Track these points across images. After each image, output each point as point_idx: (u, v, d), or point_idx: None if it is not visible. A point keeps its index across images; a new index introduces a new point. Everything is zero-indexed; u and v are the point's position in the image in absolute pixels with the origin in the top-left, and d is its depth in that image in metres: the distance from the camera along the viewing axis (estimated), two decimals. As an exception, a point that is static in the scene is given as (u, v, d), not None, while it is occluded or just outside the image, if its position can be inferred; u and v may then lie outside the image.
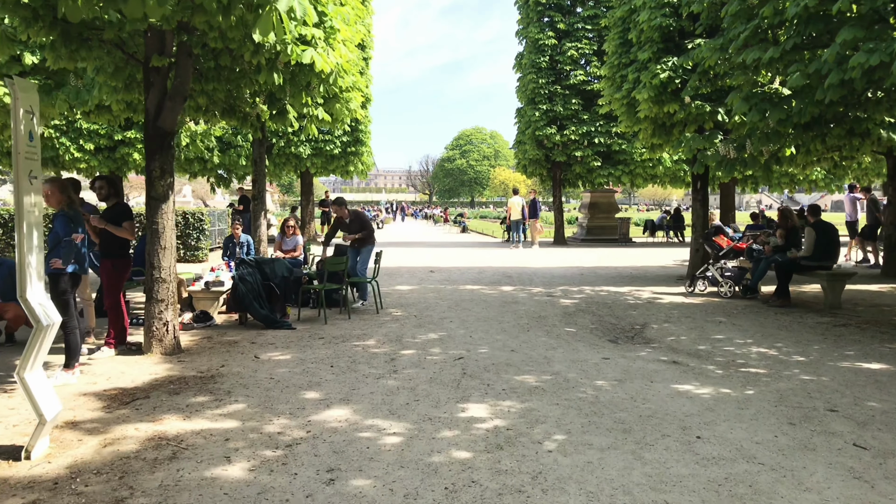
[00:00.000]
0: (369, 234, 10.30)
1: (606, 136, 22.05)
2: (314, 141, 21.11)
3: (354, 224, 10.28)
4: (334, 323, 8.77)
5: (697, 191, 13.70)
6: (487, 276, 14.10)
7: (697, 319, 9.04)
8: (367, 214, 10.55)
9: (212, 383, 5.85)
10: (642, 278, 13.78)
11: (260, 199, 12.87)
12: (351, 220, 10.30)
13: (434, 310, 9.74)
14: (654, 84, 12.17)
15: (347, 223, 10.31)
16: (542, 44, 22.18)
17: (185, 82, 6.90)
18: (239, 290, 8.30)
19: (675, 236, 25.94)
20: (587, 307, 10.02)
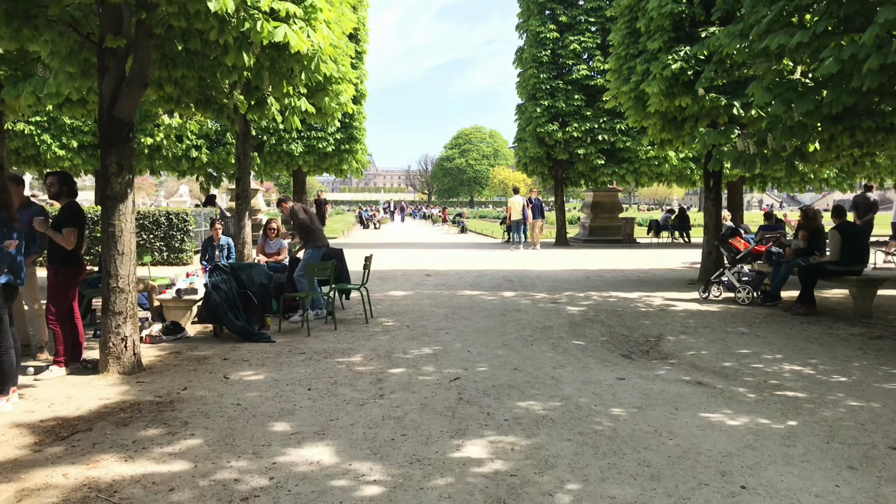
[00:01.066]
0: (308, 237, 9.05)
1: (610, 132, 21.26)
2: (306, 138, 20.31)
3: (295, 223, 9.16)
4: (318, 335, 7.98)
5: (710, 189, 12.91)
6: (487, 280, 13.31)
7: (717, 330, 8.25)
8: (310, 212, 9.38)
9: (169, 410, 5.05)
10: (651, 282, 12.99)
11: (244, 199, 12.05)
12: (292, 218, 9.19)
13: (429, 319, 8.95)
14: (664, 76, 11.39)
15: (292, 222, 9.22)
16: (543, 37, 21.37)
17: (145, 66, 6.10)
18: (212, 300, 7.51)
19: (681, 237, 25.15)
20: (595, 316, 9.23)
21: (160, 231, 15.27)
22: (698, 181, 22.59)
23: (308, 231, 9.04)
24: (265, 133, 20.13)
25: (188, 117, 10.13)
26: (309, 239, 9.03)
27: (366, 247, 22.79)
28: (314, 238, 9.01)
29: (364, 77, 21.16)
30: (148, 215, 15.22)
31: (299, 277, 8.58)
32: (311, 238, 9.03)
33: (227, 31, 5.49)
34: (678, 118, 12.52)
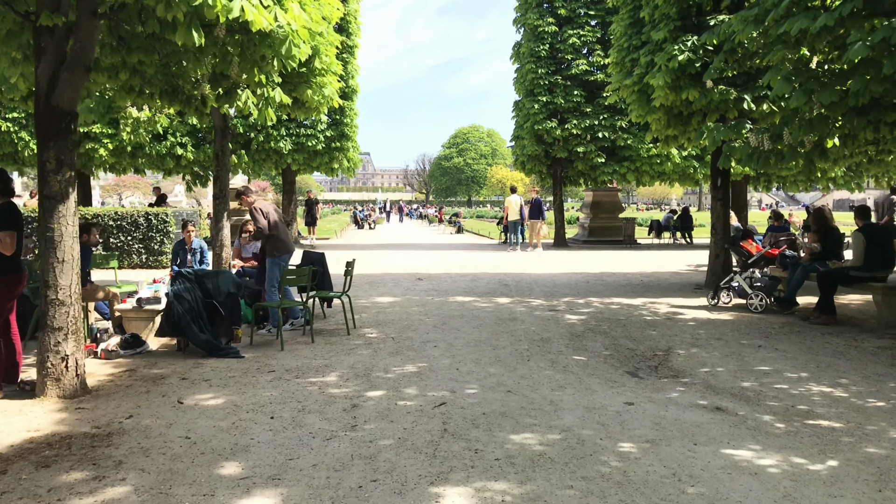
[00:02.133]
0: (268, 243, 7.95)
1: (611, 130, 20.54)
2: (295, 136, 19.57)
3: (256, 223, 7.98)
4: (293, 348, 7.25)
5: (718, 188, 12.20)
6: (481, 284, 12.58)
7: (731, 343, 7.54)
8: (272, 213, 7.98)
9: (103, 446, 4.33)
10: (655, 287, 12.27)
11: (222, 199, 11.32)
12: (252, 218, 8.06)
13: (416, 330, 8.22)
14: (670, 67, 10.68)
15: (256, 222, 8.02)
16: (541, 31, 20.64)
17: (88, 48, 5.37)
18: (174, 311, 6.77)
19: (683, 238, 24.43)
20: (597, 325, 8.51)
21: (139, 233, 14.53)
22: (701, 180, 21.90)
23: (267, 237, 7.96)
24: (252, 130, 19.40)
25: (157, 110, 9.36)
26: (271, 246, 7.98)
27: (357, 248, 22.08)
28: (276, 245, 8.00)
29: (356, 72, 20.44)
30: (126, 216, 14.48)
31: (268, 288, 7.84)
32: (273, 245, 7.99)
33: (175, 5, 4.75)
34: (684, 113, 11.81)
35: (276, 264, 7.91)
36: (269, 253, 7.95)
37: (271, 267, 7.89)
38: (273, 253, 7.93)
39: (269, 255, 7.95)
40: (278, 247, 7.95)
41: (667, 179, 21.85)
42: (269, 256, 7.95)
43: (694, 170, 20.79)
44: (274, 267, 7.89)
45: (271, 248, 7.94)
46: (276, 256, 7.93)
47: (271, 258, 7.93)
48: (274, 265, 7.90)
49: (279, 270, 7.82)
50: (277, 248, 7.94)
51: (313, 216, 24.44)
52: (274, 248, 7.93)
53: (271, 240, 7.93)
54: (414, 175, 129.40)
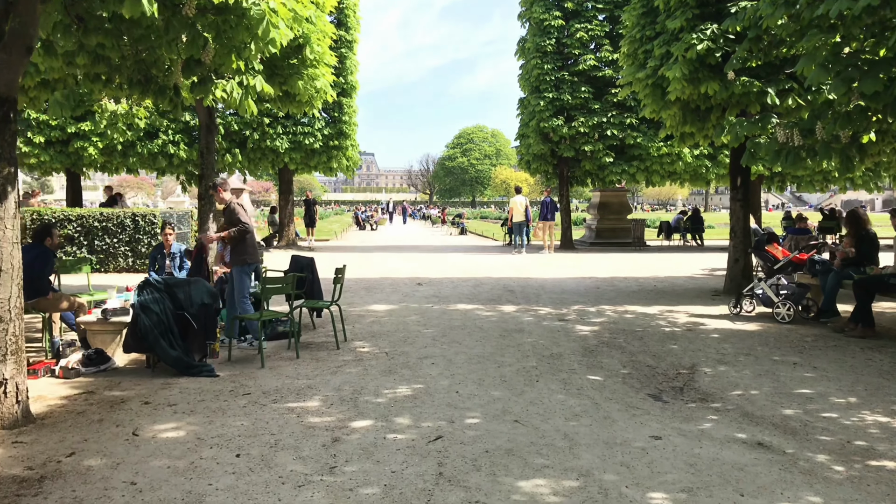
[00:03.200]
0: (240, 247, 7.06)
1: (620, 128, 19.76)
2: (292, 134, 18.85)
3: (226, 220, 7.19)
4: (276, 365, 6.52)
5: (737, 189, 11.43)
6: (485, 290, 11.84)
7: (761, 359, 6.78)
8: (244, 213, 7.17)
9: (31, 495, 3.61)
10: (671, 294, 11.51)
11: (208, 200, 10.61)
12: (226, 214, 7.23)
13: (413, 343, 7.48)
14: (688, 58, 9.93)
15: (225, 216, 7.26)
16: (547, 25, 19.87)
17: (29, 26, 4.65)
18: (140, 324, 6.05)
19: (694, 239, 23.63)
20: (612, 338, 7.76)
21: (125, 235, 13.83)
22: (713, 180, 21.11)
23: (241, 240, 7.10)
24: (247, 128, 18.69)
25: (133, 102, 8.65)
26: (242, 252, 7.15)
27: (357, 250, 21.36)
28: (247, 252, 7.17)
29: (354, 68, 19.73)
30: (112, 217, 13.78)
31: (240, 300, 7.09)
32: (244, 251, 7.15)
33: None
34: (701, 108, 11.05)
35: (247, 273, 7.15)
36: (240, 261, 7.15)
37: (241, 277, 7.12)
38: (245, 260, 7.15)
39: (239, 264, 7.15)
40: (250, 253, 7.18)
41: (677, 180, 21.07)
42: (239, 265, 7.15)
43: (706, 169, 20.00)
44: (244, 277, 7.13)
45: (241, 254, 7.15)
46: (247, 264, 7.16)
47: (241, 266, 7.14)
48: (244, 274, 7.13)
49: (249, 280, 7.08)
50: (249, 254, 7.17)
51: (312, 217, 23.70)
52: (246, 254, 7.15)
53: (241, 245, 7.15)
54: (418, 176, 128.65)
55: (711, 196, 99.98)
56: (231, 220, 7.12)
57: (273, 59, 10.09)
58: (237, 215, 7.08)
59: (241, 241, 7.08)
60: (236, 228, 7.02)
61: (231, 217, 7.12)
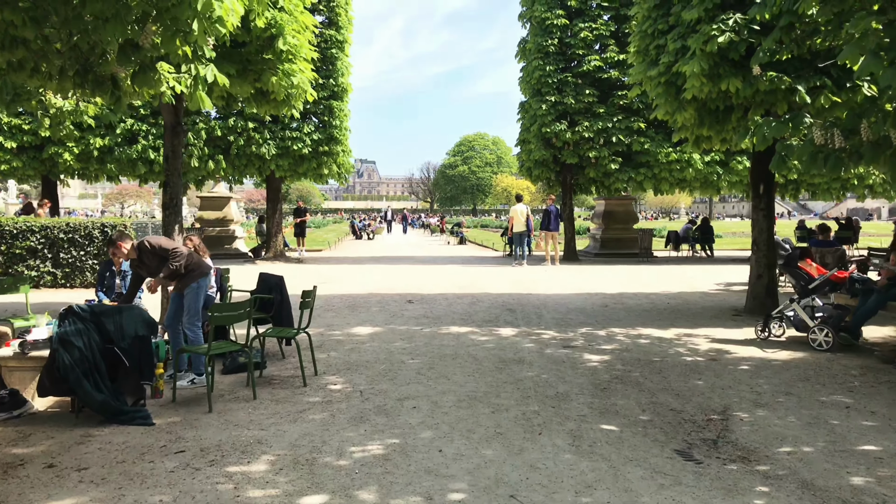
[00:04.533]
0: (182, 271, 6.04)
1: (626, 133, 18.71)
2: (280, 139, 17.81)
3: (151, 264, 6.11)
4: (226, 408, 5.44)
5: (760, 197, 10.37)
6: (482, 309, 10.76)
7: (805, 399, 5.71)
8: (164, 242, 6.12)
9: None
10: (686, 313, 10.42)
11: (173, 209, 9.55)
12: (141, 262, 6.13)
13: (395, 378, 6.40)
14: (708, 51, 8.90)
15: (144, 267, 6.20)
16: (549, 24, 18.85)
17: None
18: (59, 361, 4.99)
19: (703, 250, 22.54)
20: (626, 371, 6.68)
21: (93, 247, 12.78)
22: (724, 188, 20.04)
23: (177, 270, 5.96)
24: (231, 133, 17.66)
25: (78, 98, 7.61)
26: (189, 273, 6.09)
27: (348, 262, 20.29)
28: (189, 274, 6.09)
29: (346, 69, 18.73)
30: (79, 228, 12.74)
31: (188, 326, 6.02)
32: (185, 278, 6.10)
33: None
34: (721, 108, 10.01)
35: (201, 289, 6.08)
36: (190, 280, 6.09)
37: (192, 295, 6.05)
38: (193, 279, 6.08)
39: (187, 284, 6.08)
40: (197, 268, 6.12)
41: (686, 187, 20.01)
42: (187, 284, 6.08)
43: (717, 177, 18.92)
44: (197, 294, 6.06)
45: (189, 276, 6.10)
46: (196, 280, 6.08)
47: (191, 285, 6.07)
48: (197, 293, 6.06)
49: (195, 299, 6.01)
50: (197, 269, 6.11)
51: (302, 227, 22.67)
52: (193, 272, 6.09)
53: (187, 274, 6.10)
54: (419, 184, 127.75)
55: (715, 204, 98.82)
56: (158, 261, 6.03)
57: (245, 54, 9.09)
58: (161, 250, 5.99)
59: (187, 268, 6.04)
60: (168, 268, 5.94)
61: (153, 259, 6.03)
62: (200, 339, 5.99)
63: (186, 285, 6.03)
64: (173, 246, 5.99)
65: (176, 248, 5.97)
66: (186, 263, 6.00)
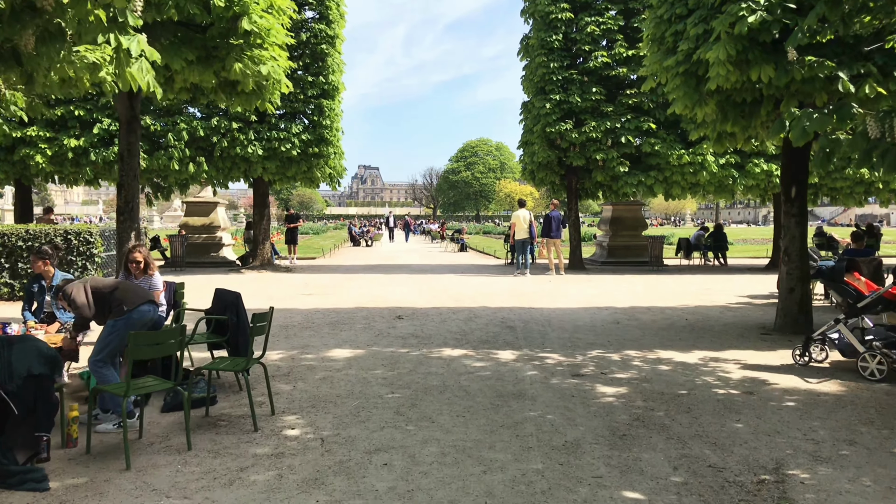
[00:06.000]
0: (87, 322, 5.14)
1: (636, 133, 17.58)
2: (266, 140, 16.72)
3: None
4: (149, 464, 4.32)
5: (792, 201, 9.24)
6: (479, 326, 9.62)
7: (875, 451, 4.57)
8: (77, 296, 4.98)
9: None
10: (708, 332, 9.27)
11: (128, 215, 8.47)
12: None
13: (367, 420, 5.27)
14: (735, 34, 7.78)
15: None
16: (553, 18, 17.74)
17: None
18: (-76, 410, 3.87)
19: (717, 258, 21.36)
20: (648, 409, 5.53)
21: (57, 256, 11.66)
22: (740, 192, 18.88)
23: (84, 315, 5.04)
24: (215, 133, 16.58)
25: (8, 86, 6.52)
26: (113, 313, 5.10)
27: (341, 270, 19.16)
28: (117, 309, 5.06)
29: (337, 67, 17.65)
30: (39, 235, 11.65)
31: (92, 364, 4.90)
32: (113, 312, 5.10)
33: None
34: (748, 100, 8.91)
35: (116, 328, 4.98)
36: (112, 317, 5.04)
37: (108, 331, 4.96)
38: (117, 314, 5.01)
39: (110, 317, 5.02)
40: (128, 300, 5.05)
41: (699, 192, 18.85)
42: (110, 319, 5.01)
43: (733, 180, 17.76)
44: (111, 331, 4.96)
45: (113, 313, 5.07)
46: (119, 317, 5.00)
47: (112, 321, 4.99)
48: (112, 328, 4.96)
49: (120, 334, 4.92)
50: (118, 308, 5.04)
51: (293, 234, 21.58)
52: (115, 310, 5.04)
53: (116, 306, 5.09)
54: (422, 189, 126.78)
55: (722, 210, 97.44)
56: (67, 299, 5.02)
57: (207, 39, 8.02)
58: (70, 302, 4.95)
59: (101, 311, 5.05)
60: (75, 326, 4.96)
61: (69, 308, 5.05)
62: (112, 377, 4.86)
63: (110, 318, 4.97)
64: (77, 304, 4.90)
65: (77, 309, 4.92)
66: (109, 301, 4.96)
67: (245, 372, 5.13)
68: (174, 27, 7.87)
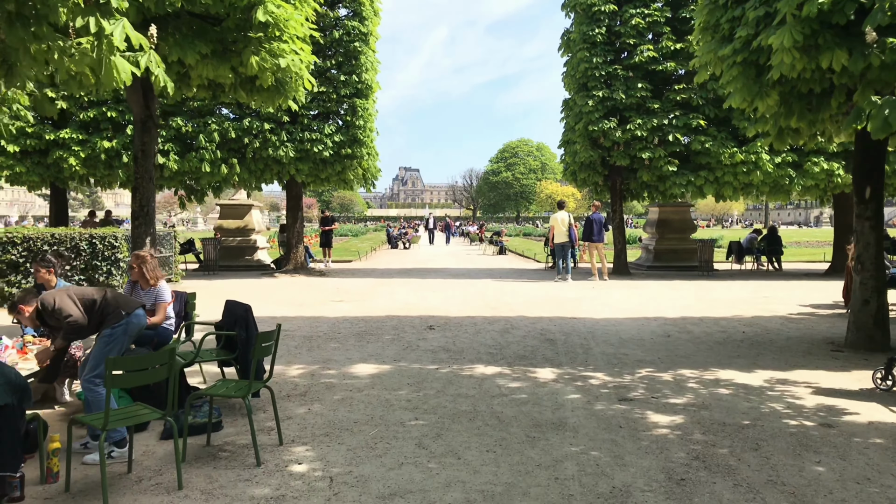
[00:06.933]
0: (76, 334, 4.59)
1: (684, 131, 16.62)
2: (298, 141, 16.29)
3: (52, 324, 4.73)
4: (136, 501, 3.77)
5: (866, 203, 8.30)
6: (516, 338, 8.93)
7: None
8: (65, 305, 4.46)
9: None
10: (770, 347, 8.40)
11: (144, 219, 8.04)
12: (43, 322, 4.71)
13: (386, 453, 4.64)
14: (804, 16, 6.94)
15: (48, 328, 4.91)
16: (596, 10, 16.90)
17: None
18: None
19: (770, 263, 20.19)
20: (709, 445, 4.77)
21: (80, 261, 11.42)
22: (797, 193, 17.75)
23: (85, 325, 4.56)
24: (247, 135, 16.23)
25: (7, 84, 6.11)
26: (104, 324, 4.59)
27: (376, 274, 18.64)
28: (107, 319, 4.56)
29: (371, 65, 17.14)
30: (65, 240, 11.39)
31: (86, 383, 4.41)
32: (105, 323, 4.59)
33: None
34: (815, 91, 8.02)
35: (112, 339, 4.49)
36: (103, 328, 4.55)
37: (103, 345, 4.50)
38: (109, 323, 4.53)
39: (106, 326, 4.54)
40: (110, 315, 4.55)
41: (752, 192, 17.77)
42: (106, 328, 4.53)
43: (789, 180, 16.64)
44: (106, 343, 4.49)
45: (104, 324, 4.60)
46: (111, 326, 4.51)
47: (103, 332, 4.52)
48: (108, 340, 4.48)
49: (119, 344, 4.44)
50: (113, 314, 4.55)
51: (328, 236, 21.20)
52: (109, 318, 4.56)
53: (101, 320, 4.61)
54: (461, 191, 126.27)
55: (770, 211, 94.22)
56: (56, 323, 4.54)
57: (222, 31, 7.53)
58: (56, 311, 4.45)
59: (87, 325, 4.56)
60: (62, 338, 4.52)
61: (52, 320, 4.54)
62: (99, 396, 4.36)
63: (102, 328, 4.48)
64: (67, 313, 4.40)
65: (69, 317, 4.40)
66: (102, 308, 4.47)
67: (246, 398, 4.53)
68: (189, 20, 7.41)
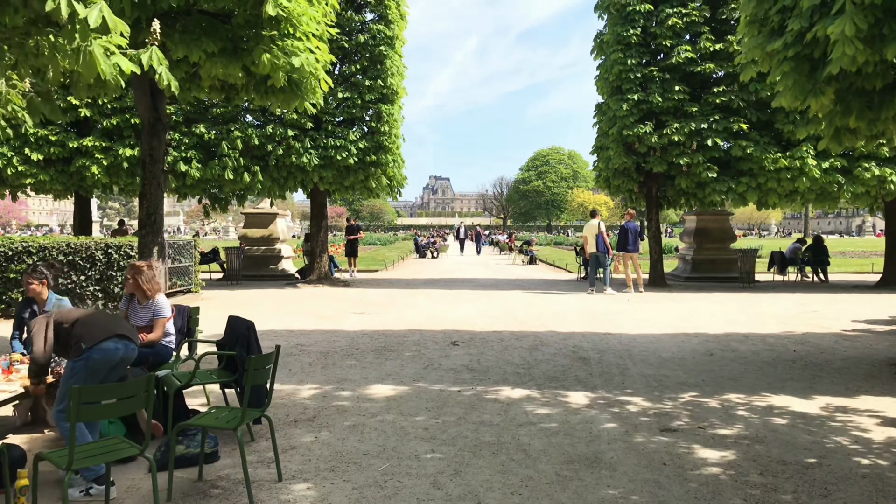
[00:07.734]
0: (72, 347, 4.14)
1: (724, 136, 15.82)
2: (322, 148, 15.90)
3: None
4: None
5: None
6: (546, 356, 8.31)
7: None
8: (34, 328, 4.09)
9: None
10: (826, 368, 7.66)
11: (151, 228, 7.63)
12: None
13: (395, 494, 4.08)
14: (866, 3, 6.26)
15: None
16: (631, 10, 16.22)
17: None
18: None
19: (816, 274, 19.20)
20: (769, 490, 4.11)
21: (95, 271, 11.12)
22: (846, 201, 16.80)
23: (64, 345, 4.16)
24: (270, 142, 15.89)
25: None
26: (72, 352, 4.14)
27: (401, 285, 18.14)
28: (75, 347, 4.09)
29: (396, 70, 16.70)
30: (80, 249, 11.11)
31: (56, 418, 3.96)
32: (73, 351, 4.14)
33: None
34: (877, 87, 7.30)
35: (75, 371, 4.02)
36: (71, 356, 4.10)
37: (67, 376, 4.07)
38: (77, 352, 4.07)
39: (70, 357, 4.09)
40: (87, 335, 4.08)
41: (797, 199, 16.86)
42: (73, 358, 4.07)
43: (838, 187, 15.71)
44: (70, 375, 4.03)
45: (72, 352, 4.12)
46: (78, 355, 4.05)
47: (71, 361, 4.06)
48: (71, 372, 4.03)
49: (80, 379, 3.96)
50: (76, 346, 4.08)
51: (353, 246, 20.79)
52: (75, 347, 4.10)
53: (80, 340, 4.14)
54: (492, 199, 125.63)
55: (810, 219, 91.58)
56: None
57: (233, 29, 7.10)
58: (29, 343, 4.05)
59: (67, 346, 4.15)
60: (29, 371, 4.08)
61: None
62: (79, 432, 3.88)
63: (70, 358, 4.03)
64: (33, 345, 3.99)
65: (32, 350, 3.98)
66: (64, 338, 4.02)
67: (237, 430, 4.02)
68: (198, 17, 7.00)
